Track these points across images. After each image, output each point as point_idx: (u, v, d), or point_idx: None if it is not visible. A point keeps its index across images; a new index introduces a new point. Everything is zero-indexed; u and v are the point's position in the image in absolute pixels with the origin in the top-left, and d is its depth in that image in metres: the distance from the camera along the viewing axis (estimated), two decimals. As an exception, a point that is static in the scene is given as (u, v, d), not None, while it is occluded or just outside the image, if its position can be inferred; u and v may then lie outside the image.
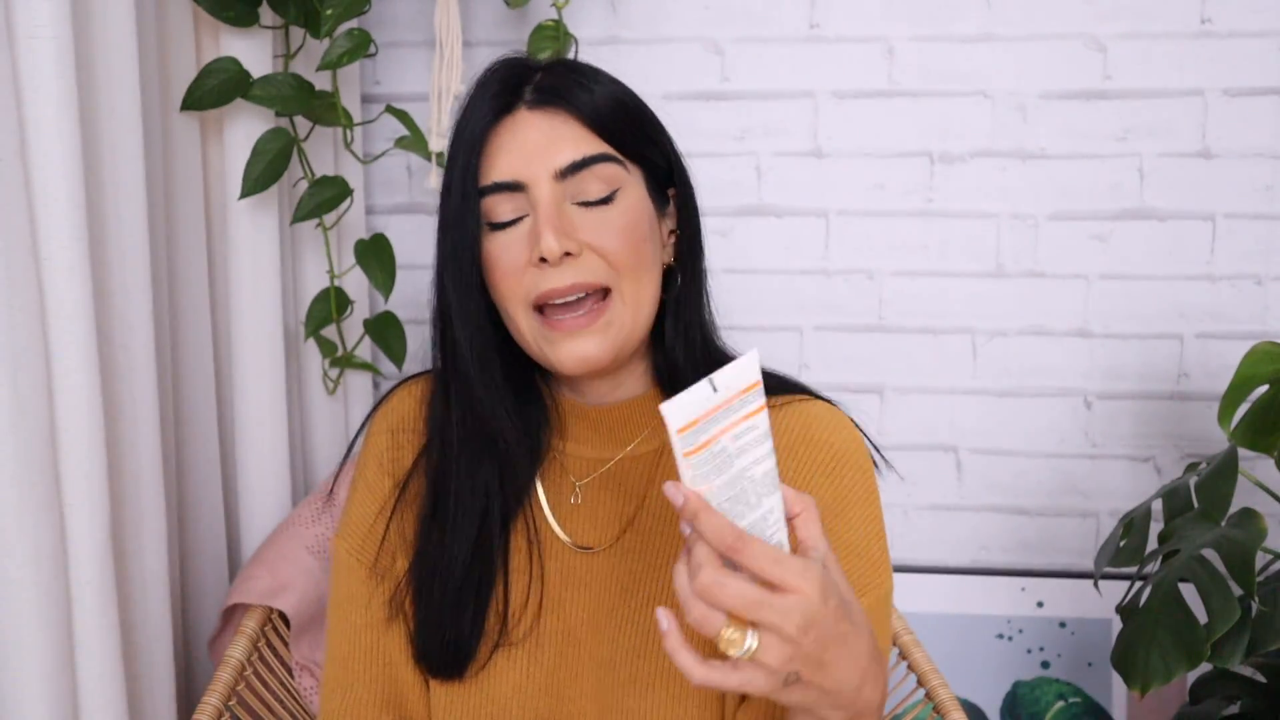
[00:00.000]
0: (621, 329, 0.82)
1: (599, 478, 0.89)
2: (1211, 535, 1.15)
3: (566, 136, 0.81)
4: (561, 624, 0.85)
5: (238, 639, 1.14)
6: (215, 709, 1.05)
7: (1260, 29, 1.45)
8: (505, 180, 0.81)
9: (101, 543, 1.00)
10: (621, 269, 0.81)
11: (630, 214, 0.82)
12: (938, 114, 1.51)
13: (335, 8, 1.23)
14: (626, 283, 0.81)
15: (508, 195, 0.81)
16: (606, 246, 0.80)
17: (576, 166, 0.81)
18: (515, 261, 0.81)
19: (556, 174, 0.81)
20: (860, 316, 1.56)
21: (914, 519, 1.59)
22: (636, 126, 0.85)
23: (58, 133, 0.95)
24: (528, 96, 0.83)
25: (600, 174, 0.82)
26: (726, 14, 1.52)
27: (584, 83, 0.83)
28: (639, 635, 0.84)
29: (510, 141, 0.82)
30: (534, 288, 0.80)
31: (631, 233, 0.82)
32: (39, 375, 0.95)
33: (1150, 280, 1.52)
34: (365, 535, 0.90)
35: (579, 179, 0.81)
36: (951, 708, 1.09)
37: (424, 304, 1.60)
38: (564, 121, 0.82)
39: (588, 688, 0.84)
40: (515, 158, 0.81)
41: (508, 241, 0.81)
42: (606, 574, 0.86)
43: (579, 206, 0.81)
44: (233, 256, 1.30)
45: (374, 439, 0.93)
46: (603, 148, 0.82)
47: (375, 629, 0.89)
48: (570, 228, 0.80)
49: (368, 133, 1.56)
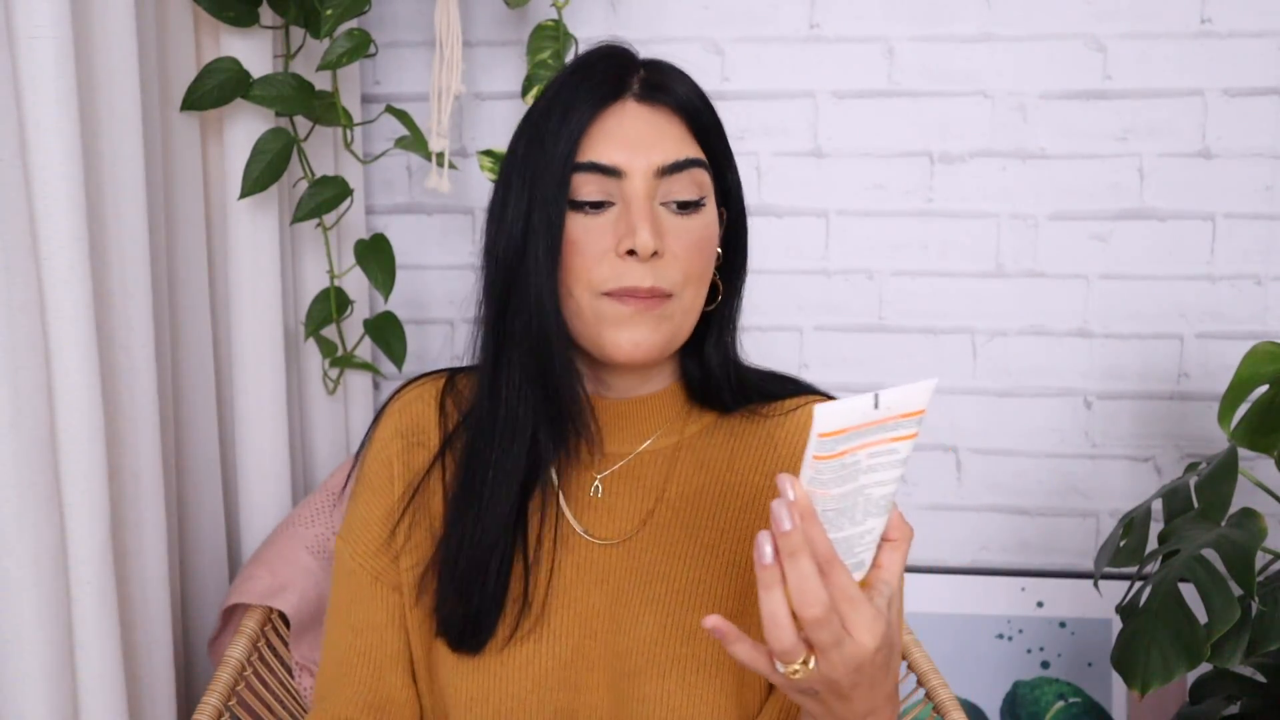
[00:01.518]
0: (674, 327, 0.83)
1: (618, 471, 0.89)
2: (1211, 535, 1.15)
3: (670, 135, 0.82)
4: (578, 615, 0.86)
5: (238, 639, 1.14)
6: (215, 709, 1.05)
7: (1260, 29, 1.45)
8: (605, 163, 0.81)
9: (101, 543, 1.00)
10: (690, 279, 0.83)
11: (709, 227, 0.84)
12: (937, 114, 1.51)
13: (335, 8, 1.23)
14: (689, 291, 0.83)
15: (599, 179, 0.81)
16: (686, 256, 0.82)
17: (677, 166, 0.82)
18: (597, 247, 0.81)
19: (658, 170, 0.81)
20: (860, 316, 1.56)
21: (914, 519, 1.59)
22: (723, 140, 0.87)
23: (58, 133, 0.95)
24: (636, 88, 0.83)
25: (695, 178, 0.83)
26: (726, 14, 1.52)
27: (685, 87, 0.85)
28: (656, 626, 0.84)
29: (616, 128, 0.82)
30: (615, 279, 0.80)
31: (707, 246, 0.84)
32: (39, 375, 0.95)
33: (1150, 280, 1.52)
34: (371, 538, 0.91)
35: (675, 180, 0.82)
36: (951, 708, 1.09)
37: (423, 304, 1.61)
38: (669, 120, 0.83)
39: (603, 678, 0.85)
40: (618, 145, 0.81)
41: (591, 225, 0.81)
42: (624, 566, 0.87)
43: (666, 208, 0.82)
44: (233, 256, 1.30)
45: (383, 442, 0.93)
46: (699, 153, 0.84)
47: (373, 632, 0.89)
48: (661, 229, 0.81)
49: (368, 133, 1.56)
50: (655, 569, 0.86)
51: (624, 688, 0.84)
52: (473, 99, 1.56)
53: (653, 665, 0.83)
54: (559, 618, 0.85)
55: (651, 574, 0.86)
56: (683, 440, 0.90)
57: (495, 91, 1.56)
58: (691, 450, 0.90)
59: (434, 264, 1.61)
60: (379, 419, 0.95)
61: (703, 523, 0.87)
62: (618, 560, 0.87)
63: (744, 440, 0.90)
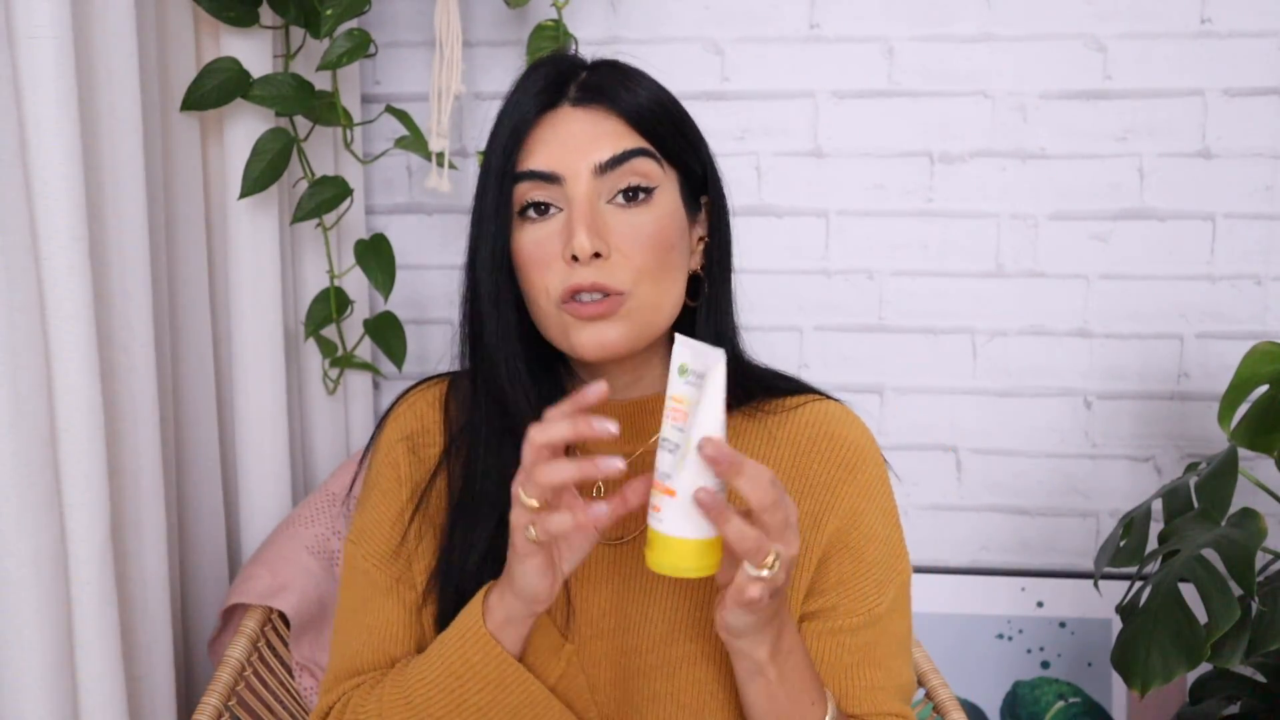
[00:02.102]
0: (638, 322, 0.83)
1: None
2: (1211, 535, 1.15)
3: (608, 133, 0.83)
4: (585, 614, 0.86)
5: (238, 639, 1.14)
6: (215, 709, 1.05)
7: (1260, 29, 1.45)
8: (543, 170, 0.82)
9: (101, 543, 1.00)
10: (644, 274, 0.82)
11: (665, 219, 0.84)
12: (937, 114, 1.51)
13: (335, 8, 1.23)
14: (645, 287, 0.83)
15: (542, 186, 0.82)
16: (636, 251, 0.82)
17: (615, 161, 0.82)
18: (546, 255, 0.82)
19: (596, 169, 0.82)
20: (860, 316, 1.56)
21: (914, 519, 1.59)
22: (677, 129, 0.86)
23: (58, 133, 0.95)
24: (572, 94, 0.84)
25: (638, 169, 0.83)
26: (726, 14, 1.52)
27: (628, 83, 0.85)
28: (663, 623, 0.85)
29: (551, 135, 0.83)
30: (562, 282, 0.81)
31: (659, 241, 0.83)
32: (39, 375, 0.95)
33: (1150, 280, 1.52)
34: (383, 539, 0.91)
35: (616, 174, 0.82)
36: (951, 708, 1.09)
37: (423, 304, 1.61)
38: (606, 118, 0.83)
39: (611, 675, 0.86)
40: (555, 150, 0.82)
41: (539, 236, 0.82)
42: (628, 565, 0.87)
43: (613, 206, 0.82)
44: (233, 256, 1.30)
45: (388, 445, 0.93)
46: (642, 144, 0.83)
47: (387, 630, 0.90)
48: (603, 229, 0.81)
49: (368, 133, 1.56)
50: None
51: (633, 686, 0.85)
52: (473, 99, 1.56)
53: (662, 664, 0.84)
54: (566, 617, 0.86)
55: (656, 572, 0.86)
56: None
57: (495, 91, 1.56)
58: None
59: (434, 264, 1.61)
60: (383, 424, 0.95)
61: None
62: (622, 559, 0.88)
63: (746, 437, 0.91)
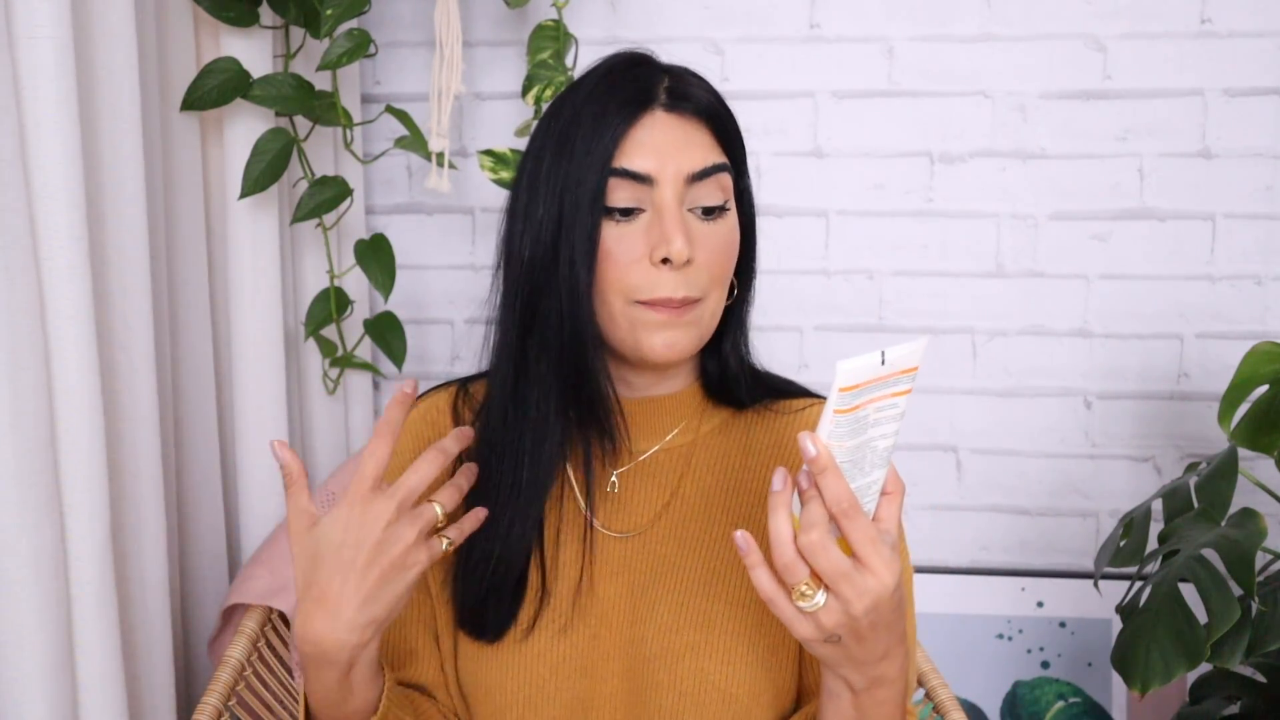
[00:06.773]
0: (702, 328, 0.86)
1: (635, 467, 0.91)
2: (1211, 535, 1.15)
3: (698, 143, 0.84)
4: (596, 606, 0.88)
5: (237, 639, 1.14)
6: (215, 709, 1.05)
7: (1260, 29, 1.45)
8: (638, 170, 0.83)
9: (101, 543, 1.00)
10: (715, 282, 0.85)
11: (733, 231, 0.87)
12: (937, 114, 1.51)
13: (335, 8, 1.23)
14: (714, 294, 0.86)
15: (631, 186, 0.83)
16: (714, 261, 0.84)
17: (705, 173, 0.84)
18: (630, 254, 0.83)
19: (687, 177, 0.83)
20: (860, 316, 1.56)
21: (914, 519, 1.59)
22: (742, 144, 0.89)
23: (58, 133, 0.95)
24: (662, 98, 0.85)
25: (720, 183, 0.85)
26: (726, 14, 1.52)
27: (712, 95, 0.87)
28: (671, 614, 0.87)
29: (646, 137, 0.83)
30: (649, 288, 0.82)
31: (731, 249, 0.87)
32: (39, 375, 0.95)
33: (1150, 280, 1.52)
34: None
35: (703, 185, 0.84)
36: (951, 708, 1.09)
37: (423, 304, 1.61)
38: (695, 127, 0.85)
39: (619, 666, 0.87)
40: (650, 153, 0.83)
41: (624, 233, 0.83)
42: (640, 558, 0.89)
43: (694, 215, 0.84)
44: (233, 256, 1.30)
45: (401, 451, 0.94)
46: (724, 158, 0.86)
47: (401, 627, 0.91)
48: (692, 235, 0.83)
49: (368, 133, 1.56)
50: (670, 560, 0.88)
51: (640, 675, 0.86)
52: (473, 99, 1.56)
53: (668, 653, 0.85)
54: (577, 608, 0.88)
55: (667, 565, 0.88)
56: (698, 438, 0.92)
57: (495, 91, 1.56)
58: (706, 447, 0.92)
59: (434, 264, 1.61)
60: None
61: (716, 516, 0.90)
62: (634, 552, 0.89)
63: (757, 437, 0.93)
